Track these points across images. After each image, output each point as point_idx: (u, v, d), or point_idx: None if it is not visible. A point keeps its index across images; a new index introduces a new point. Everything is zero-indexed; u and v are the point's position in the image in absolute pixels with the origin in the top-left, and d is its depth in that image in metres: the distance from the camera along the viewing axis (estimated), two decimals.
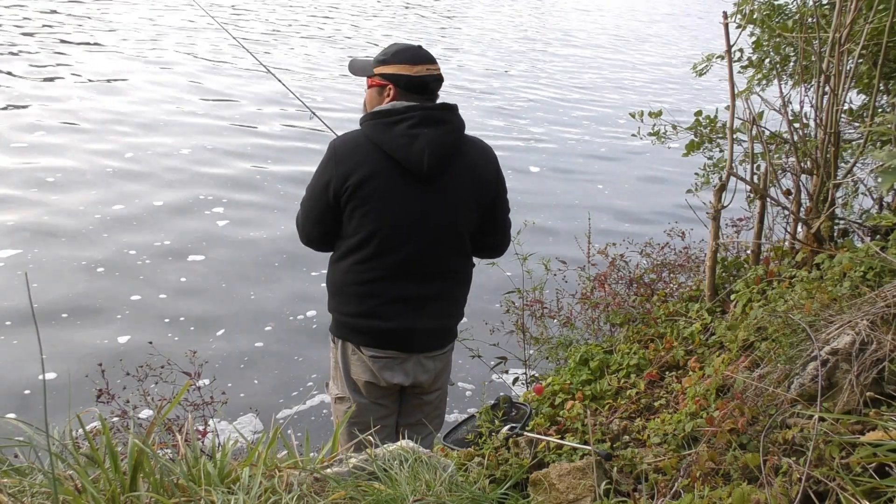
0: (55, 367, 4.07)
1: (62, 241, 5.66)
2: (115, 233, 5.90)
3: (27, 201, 6.29)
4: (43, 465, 1.13)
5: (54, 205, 6.28)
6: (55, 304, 4.77)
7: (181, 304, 4.98)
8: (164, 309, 4.89)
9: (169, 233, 6.01)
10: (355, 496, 1.18)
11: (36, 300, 4.83)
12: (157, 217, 6.32)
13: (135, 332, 4.55)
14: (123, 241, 5.77)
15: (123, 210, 6.35)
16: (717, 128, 3.69)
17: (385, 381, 2.35)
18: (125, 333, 4.54)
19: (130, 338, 4.48)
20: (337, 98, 10.82)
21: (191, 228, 6.18)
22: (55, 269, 5.26)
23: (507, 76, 14.73)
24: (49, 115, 8.68)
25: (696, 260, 4.12)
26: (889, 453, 1.37)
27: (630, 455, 2.09)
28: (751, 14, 3.44)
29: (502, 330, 3.98)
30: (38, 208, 6.18)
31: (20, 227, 5.79)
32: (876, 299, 1.98)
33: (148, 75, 11.08)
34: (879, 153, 1.88)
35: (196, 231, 6.14)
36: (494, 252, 2.53)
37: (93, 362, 3.49)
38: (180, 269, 5.46)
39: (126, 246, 5.69)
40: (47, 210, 6.16)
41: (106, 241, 5.76)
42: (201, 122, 9.10)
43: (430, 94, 2.25)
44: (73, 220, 6.04)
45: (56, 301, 4.81)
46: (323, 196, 2.23)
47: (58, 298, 4.85)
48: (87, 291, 4.99)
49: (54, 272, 5.21)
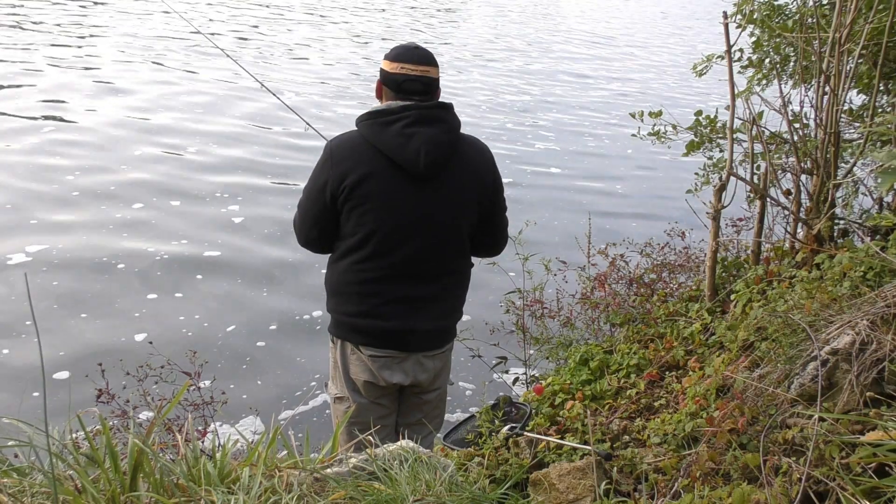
0: (66, 365, 4.11)
1: (77, 236, 5.75)
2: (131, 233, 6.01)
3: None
4: (43, 465, 1.13)
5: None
6: (70, 297, 4.86)
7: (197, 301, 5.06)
8: (180, 307, 4.96)
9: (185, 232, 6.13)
10: (355, 496, 1.18)
11: (55, 293, 4.92)
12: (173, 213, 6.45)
13: (152, 331, 4.61)
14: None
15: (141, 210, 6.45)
16: (717, 128, 3.69)
17: (384, 380, 2.35)
18: (142, 331, 4.60)
19: (146, 336, 4.53)
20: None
21: (207, 223, 6.32)
22: (73, 260, 5.35)
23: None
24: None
25: (696, 260, 4.12)
26: (889, 453, 1.37)
27: (630, 455, 2.09)
28: (751, 14, 3.44)
29: (502, 330, 3.98)
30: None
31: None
32: (876, 299, 1.98)
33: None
34: (879, 153, 1.88)
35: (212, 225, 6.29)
36: (492, 251, 2.53)
37: (108, 360, 3.51)
38: (196, 267, 5.55)
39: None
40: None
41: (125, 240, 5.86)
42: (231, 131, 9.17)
43: (419, 94, 2.22)
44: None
45: (72, 295, 4.90)
46: (320, 197, 2.23)
47: (73, 293, 4.94)
48: (103, 288, 5.07)
49: (72, 263, 5.30)
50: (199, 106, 9.88)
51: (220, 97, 10.46)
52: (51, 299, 4.83)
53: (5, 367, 4.09)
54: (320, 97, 11.08)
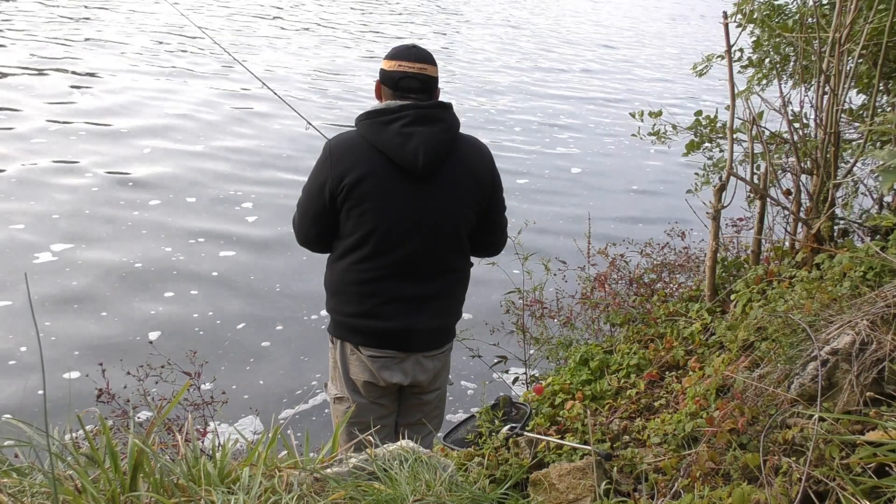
0: (79, 365, 4.13)
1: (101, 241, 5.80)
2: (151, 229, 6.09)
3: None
4: (43, 465, 1.13)
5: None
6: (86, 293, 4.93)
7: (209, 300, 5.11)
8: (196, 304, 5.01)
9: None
10: (355, 496, 1.18)
11: (71, 289, 5.00)
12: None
13: (165, 328, 4.65)
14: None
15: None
16: (716, 128, 3.69)
17: (384, 380, 2.35)
18: (156, 329, 4.65)
19: (160, 333, 4.57)
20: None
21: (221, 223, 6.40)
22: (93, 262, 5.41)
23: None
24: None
25: (696, 260, 4.12)
26: (889, 453, 1.37)
27: (630, 455, 2.09)
28: (751, 14, 3.44)
29: (502, 330, 3.98)
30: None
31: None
32: (876, 299, 1.98)
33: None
34: (879, 153, 1.88)
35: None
36: (491, 250, 2.53)
37: (121, 357, 3.53)
38: (214, 263, 5.62)
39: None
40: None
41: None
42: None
43: (417, 92, 2.22)
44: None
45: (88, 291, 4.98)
46: (319, 196, 2.23)
47: (87, 289, 5.01)
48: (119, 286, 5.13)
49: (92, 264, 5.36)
50: (203, 119, 9.89)
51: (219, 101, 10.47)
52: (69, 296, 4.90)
53: (21, 363, 4.14)
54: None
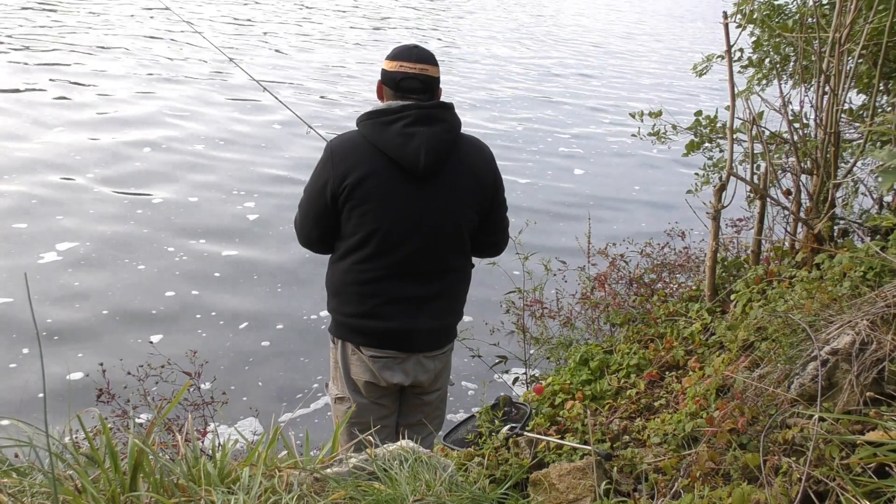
0: (79, 365, 4.13)
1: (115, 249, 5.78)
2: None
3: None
4: (43, 465, 1.13)
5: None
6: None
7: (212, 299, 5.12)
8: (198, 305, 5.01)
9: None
10: (355, 496, 1.18)
11: (73, 289, 4.99)
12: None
13: (165, 328, 4.65)
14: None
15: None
16: (716, 128, 3.69)
17: (385, 380, 2.35)
18: (156, 329, 4.64)
19: (161, 334, 4.56)
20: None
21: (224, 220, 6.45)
22: (101, 262, 5.41)
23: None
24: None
25: (696, 260, 4.12)
26: (889, 453, 1.37)
27: (630, 455, 2.09)
28: (751, 14, 3.44)
29: (502, 330, 3.98)
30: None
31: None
32: (876, 299, 1.98)
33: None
34: (879, 153, 1.88)
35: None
36: (493, 250, 2.53)
37: (125, 361, 3.53)
38: (215, 263, 5.63)
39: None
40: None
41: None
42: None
43: (419, 93, 2.22)
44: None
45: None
46: (321, 197, 2.23)
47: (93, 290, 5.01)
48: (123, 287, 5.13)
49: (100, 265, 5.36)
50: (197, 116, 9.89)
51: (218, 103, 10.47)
52: (72, 300, 4.88)
53: (21, 363, 4.13)
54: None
